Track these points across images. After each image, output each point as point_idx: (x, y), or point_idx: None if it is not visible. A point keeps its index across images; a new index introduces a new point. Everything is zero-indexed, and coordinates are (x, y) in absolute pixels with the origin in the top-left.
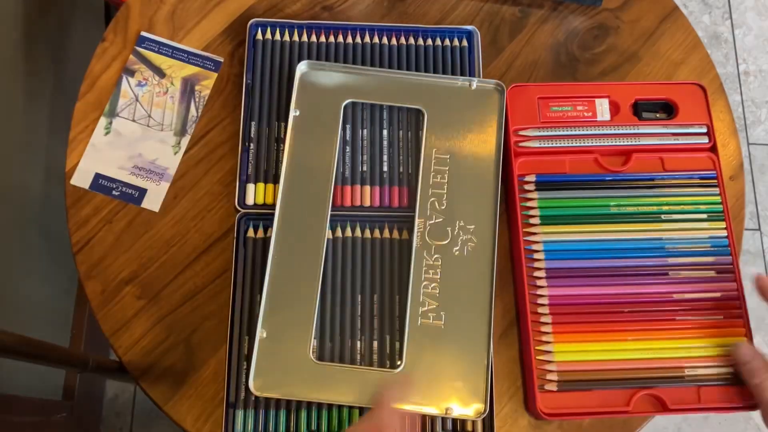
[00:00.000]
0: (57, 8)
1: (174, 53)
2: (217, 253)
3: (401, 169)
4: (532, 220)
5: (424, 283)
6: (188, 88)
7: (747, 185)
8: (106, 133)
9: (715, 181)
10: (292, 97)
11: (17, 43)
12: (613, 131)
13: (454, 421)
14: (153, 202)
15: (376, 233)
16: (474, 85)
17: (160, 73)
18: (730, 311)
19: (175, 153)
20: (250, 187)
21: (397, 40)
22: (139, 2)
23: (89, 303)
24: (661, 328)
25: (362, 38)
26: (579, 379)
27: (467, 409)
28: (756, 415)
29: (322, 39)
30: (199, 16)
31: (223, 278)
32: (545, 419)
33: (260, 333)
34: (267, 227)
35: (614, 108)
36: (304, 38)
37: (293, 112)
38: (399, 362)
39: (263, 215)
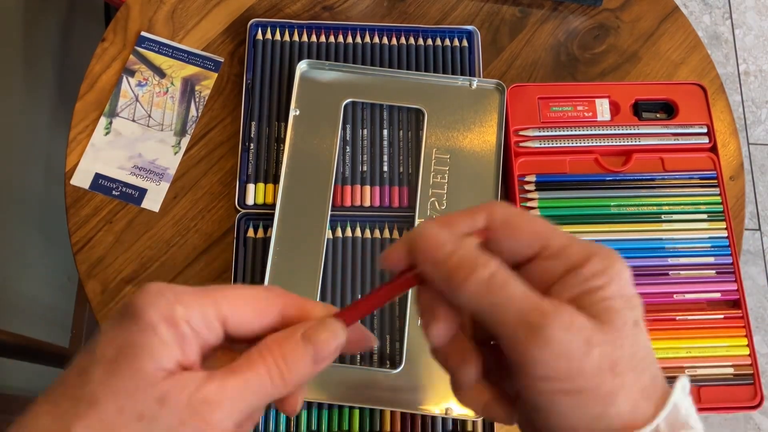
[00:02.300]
0: (57, 8)
1: (174, 53)
2: (217, 253)
3: (401, 169)
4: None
5: None
6: (188, 88)
7: (747, 185)
8: (106, 133)
9: (716, 181)
10: (292, 96)
11: (17, 43)
12: (613, 131)
13: (455, 421)
14: (153, 202)
15: (376, 233)
16: (474, 85)
17: (160, 73)
18: (729, 311)
19: (175, 153)
20: (250, 187)
21: (398, 40)
22: (139, 2)
23: (89, 303)
24: (661, 328)
25: (362, 38)
26: None
27: (467, 409)
28: (756, 415)
29: (322, 39)
30: (199, 16)
31: (223, 278)
32: None
33: None
34: (267, 227)
35: (614, 108)
36: (304, 38)
37: (293, 112)
38: (399, 362)
39: (263, 215)
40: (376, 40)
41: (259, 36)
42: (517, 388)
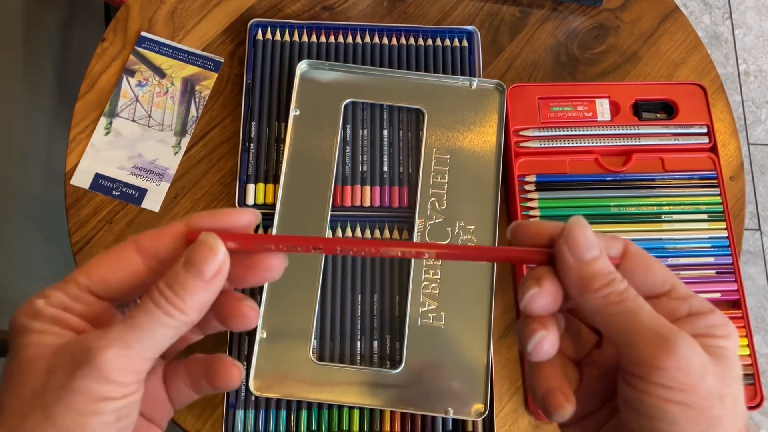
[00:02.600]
0: (57, 8)
1: (174, 53)
2: None
3: (401, 169)
4: (532, 221)
5: (424, 283)
6: (188, 88)
7: (747, 185)
8: (106, 133)
9: (716, 181)
10: (293, 96)
11: (17, 43)
12: (613, 131)
13: (455, 421)
14: (153, 202)
15: (376, 233)
16: (474, 85)
17: (160, 73)
18: (729, 311)
19: (175, 153)
20: (250, 187)
21: (398, 40)
22: (139, 2)
23: None
24: None
25: (362, 38)
26: None
27: (467, 409)
28: (756, 415)
29: (323, 39)
30: (199, 16)
31: None
32: (545, 420)
33: (260, 333)
34: (267, 227)
35: (614, 108)
36: (305, 38)
37: (293, 112)
38: (399, 362)
39: (263, 215)
40: (376, 40)
41: (259, 36)
42: (625, 394)
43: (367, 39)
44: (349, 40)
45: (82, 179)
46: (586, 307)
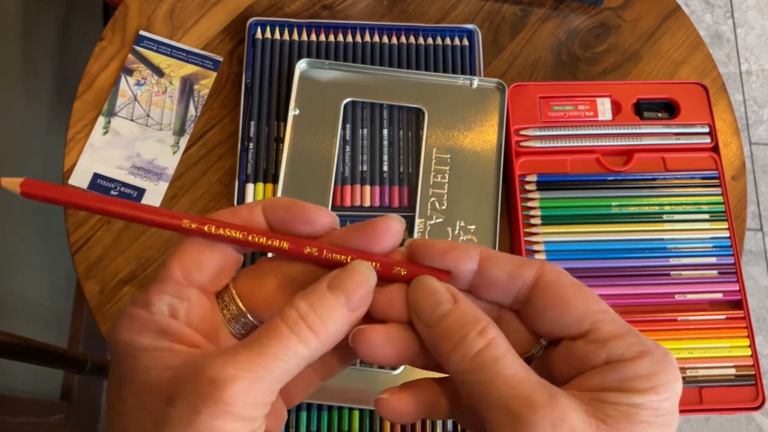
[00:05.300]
0: (56, 8)
1: (173, 52)
2: None
3: (401, 169)
4: (533, 221)
5: None
6: (187, 87)
7: (749, 185)
8: (105, 133)
9: (717, 181)
10: (292, 96)
11: (16, 42)
12: (614, 131)
13: (455, 422)
14: (152, 202)
15: None
16: (475, 84)
17: (158, 72)
18: (731, 312)
19: (174, 152)
20: (249, 187)
21: (398, 38)
22: (138, 1)
23: (87, 303)
24: (662, 328)
25: (362, 37)
26: None
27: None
28: (758, 416)
29: (322, 38)
30: (198, 15)
31: None
32: None
33: None
34: None
35: (616, 107)
36: (304, 37)
37: (293, 111)
38: None
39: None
40: (376, 39)
41: (259, 35)
42: None
43: (367, 38)
44: (349, 38)
45: (80, 179)
46: (447, 370)
